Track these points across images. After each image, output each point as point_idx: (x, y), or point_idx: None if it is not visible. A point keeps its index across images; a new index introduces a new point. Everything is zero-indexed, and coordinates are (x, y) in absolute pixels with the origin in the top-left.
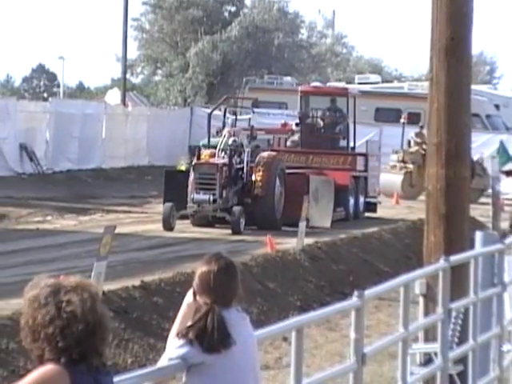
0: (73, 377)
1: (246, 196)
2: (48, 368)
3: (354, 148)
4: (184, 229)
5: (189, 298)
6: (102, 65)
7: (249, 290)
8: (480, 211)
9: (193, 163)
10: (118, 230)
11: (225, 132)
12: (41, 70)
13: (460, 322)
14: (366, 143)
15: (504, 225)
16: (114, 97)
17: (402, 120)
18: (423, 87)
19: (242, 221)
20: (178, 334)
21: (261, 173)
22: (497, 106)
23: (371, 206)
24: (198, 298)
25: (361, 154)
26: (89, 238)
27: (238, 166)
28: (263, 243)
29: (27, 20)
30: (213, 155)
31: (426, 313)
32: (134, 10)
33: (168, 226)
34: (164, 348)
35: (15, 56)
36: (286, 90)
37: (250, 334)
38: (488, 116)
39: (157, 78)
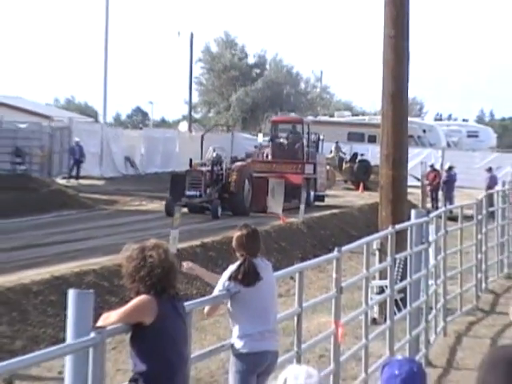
0: (158, 302)
1: (225, 192)
2: (144, 296)
3: (306, 159)
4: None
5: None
6: (176, 106)
7: (269, 247)
8: (414, 196)
9: (185, 170)
10: (184, 211)
11: (210, 149)
12: (137, 110)
13: (402, 266)
14: (314, 155)
15: (429, 205)
16: (183, 126)
17: (321, 137)
18: (378, 119)
19: (219, 209)
20: (230, 277)
21: (234, 176)
22: (424, 131)
23: (320, 198)
24: (236, 252)
25: (310, 163)
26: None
27: (220, 172)
28: (277, 219)
29: (129, 76)
30: (202, 165)
31: (380, 261)
32: (196, 71)
33: (169, 211)
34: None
35: (122, 100)
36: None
37: (271, 274)
38: (419, 137)
39: (210, 114)
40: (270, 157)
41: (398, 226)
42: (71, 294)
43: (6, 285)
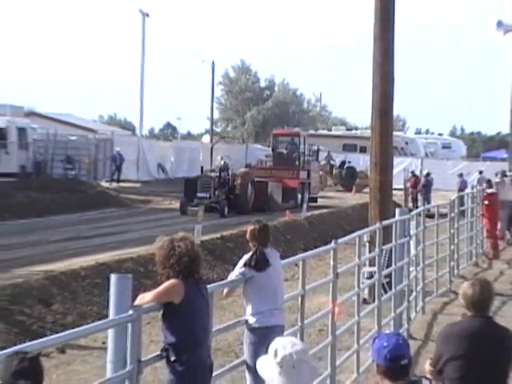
0: (185, 285)
1: (231, 194)
2: (173, 280)
3: (302, 166)
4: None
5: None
6: (200, 122)
7: (277, 239)
8: (398, 197)
9: (197, 176)
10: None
11: (218, 158)
12: (168, 125)
13: (387, 255)
14: (309, 163)
15: (410, 205)
16: (206, 139)
17: (320, 147)
18: (368, 133)
19: (226, 209)
20: (245, 264)
21: (239, 181)
22: (406, 143)
23: (314, 199)
24: (249, 243)
25: (304, 169)
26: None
27: (227, 177)
28: (284, 215)
29: (161, 96)
30: (212, 171)
31: (370, 251)
32: (217, 93)
33: (183, 211)
34: (233, 269)
35: (155, 116)
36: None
37: (279, 262)
38: (402, 148)
39: (228, 128)
40: (272, 164)
41: (384, 222)
42: (113, 277)
43: (59, 270)
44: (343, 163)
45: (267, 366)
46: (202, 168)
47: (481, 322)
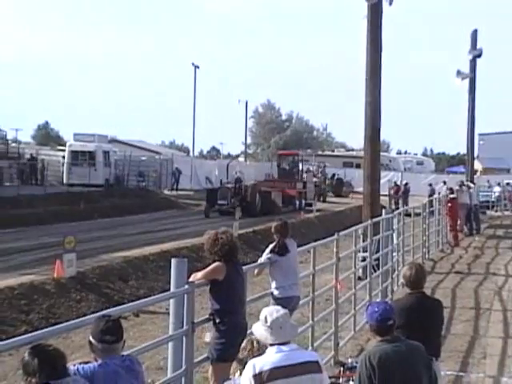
0: (227, 266)
1: (243, 201)
2: (217, 263)
3: (299, 179)
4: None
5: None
6: (237, 145)
7: (294, 232)
8: (384, 201)
9: (217, 187)
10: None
11: (233, 173)
12: (213, 148)
13: (376, 244)
14: (306, 175)
15: (393, 207)
16: (241, 158)
17: (311, 166)
18: (362, 153)
19: (240, 213)
20: (271, 251)
21: (249, 191)
22: (390, 160)
23: (309, 204)
24: (274, 235)
25: (301, 181)
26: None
27: (240, 188)
28: (298, 215)
29: (208, 127)
30: (228, 183)
31: (363, 241)
32: (249, 124)
33: (207, 214)
34: (261, 255)
35: (204, 141)
36: (308, 155)
37: (296, 249)
38: (386, 164)
39: (258, 151)
40: (277, 177)
41: (374, 220)
42: (173, 261)
43: (134, 255)
44: (334, 175)
45: (260, 329)
46: (221, 181)
47: (416, 297)
